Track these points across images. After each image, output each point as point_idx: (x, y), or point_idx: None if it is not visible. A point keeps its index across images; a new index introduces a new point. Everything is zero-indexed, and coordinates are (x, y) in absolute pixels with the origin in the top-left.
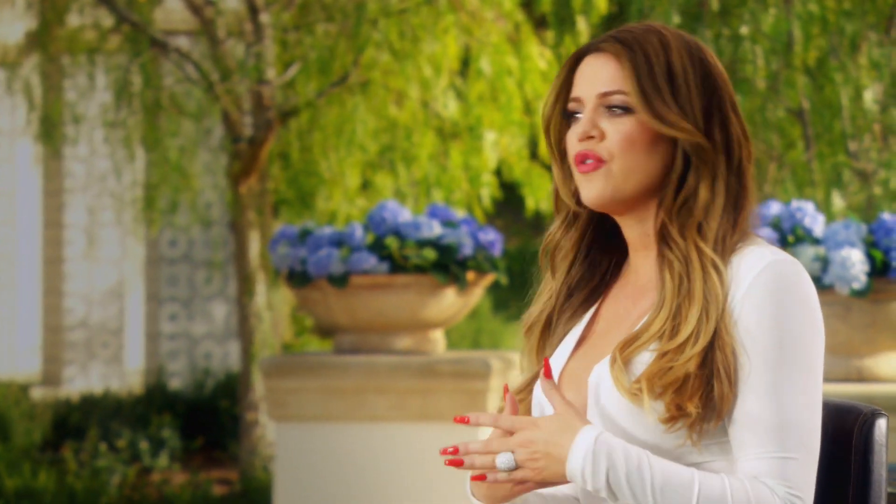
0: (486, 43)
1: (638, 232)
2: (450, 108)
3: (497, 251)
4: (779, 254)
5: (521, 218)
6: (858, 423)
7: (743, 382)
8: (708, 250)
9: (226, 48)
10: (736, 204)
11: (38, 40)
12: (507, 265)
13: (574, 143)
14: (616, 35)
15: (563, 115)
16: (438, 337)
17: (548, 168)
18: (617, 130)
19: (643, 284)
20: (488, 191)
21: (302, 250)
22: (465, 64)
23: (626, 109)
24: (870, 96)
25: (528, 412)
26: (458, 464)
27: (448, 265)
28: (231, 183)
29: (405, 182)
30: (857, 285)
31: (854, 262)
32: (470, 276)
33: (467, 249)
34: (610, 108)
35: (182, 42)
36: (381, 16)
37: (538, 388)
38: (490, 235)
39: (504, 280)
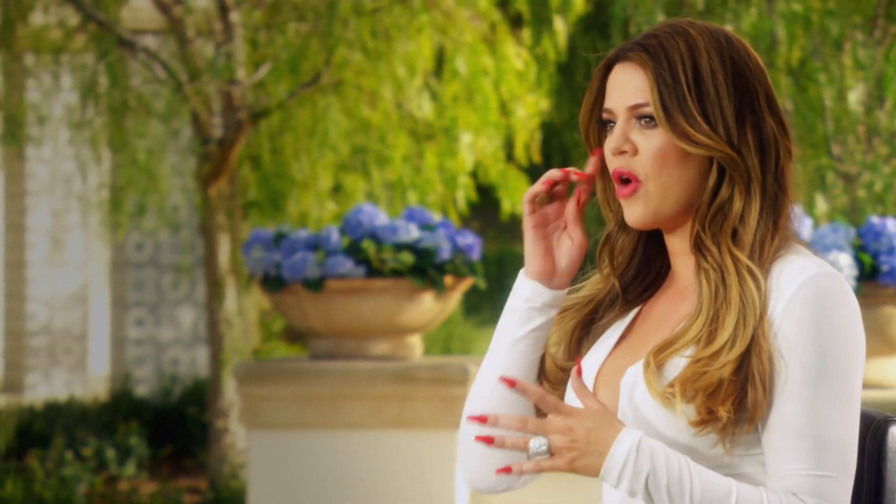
0: (461, 42)
1: (678, 240)
2: (424, 108)
3: (475, 255)
4: (822, 266)
5: (496, 221)
6: (871, 430)
7: (780, 391)
8: (743, 257)
9: (195, 48)
10: (774, 206)
11: (2, 39)
12: (483, 269)
13: (609, 157)
14: (642, 42)
15: (599, 123)
16: (416, 342)
17: (524, 170)
18: (649, 145)
19: (683, 288)
20: (464, 193)
21: (276, 254)
22: (440, 64)
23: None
24: (854, 97)
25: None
26: (488, 441)
27: (426, 269)
28: (200, 185)
29: (378, 184)
30: None
31: (842, 266)
32: (448, 280)
33: (445, 253)
34: (640, 118)
35: (150, 41)
36: (354, 15)
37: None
38: (468, 239)
39: (482, 284)
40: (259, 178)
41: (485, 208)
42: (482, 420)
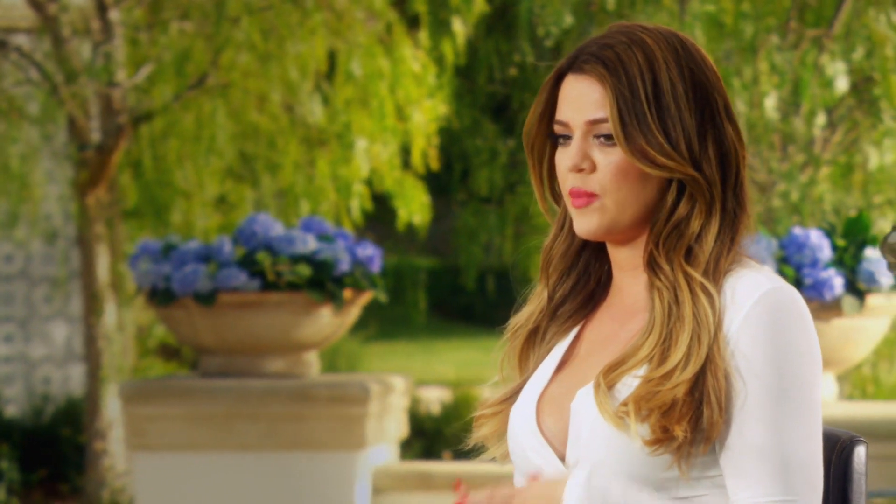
0: (355, 44)
1: (626, 254)
2: (316, 113)
3: (375, 267)
4: (776, 281)
5: (392, 232)
6: (836, 451)
7: (738, 410)
8: (696, 275)
9: (71, 47)
10: (733, 222)
11: None
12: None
13: (565, 173)
14: (598, 53)
15: (550, 136)
16: (313, 359)
17: (422, 178)
18: (609, 162)
19: (629, 305)
20: (358, 202)
21: (165, 266)
22: (333, 66)
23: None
24: (771, 103)
25: (504, 425)
26: None
27: (324, 282)
28: (77, 193)
29: (268, 193)
30: None
31: None
32: (347, 293)
33: (344, 265)
34: (599, 136)
35: (22, 40)
36: (242, 13)
37: (516, 409)
38: (368, 250)
39: (384, 298)
40: (140, 185)
41: (380, 218)
42: (456, 486)
